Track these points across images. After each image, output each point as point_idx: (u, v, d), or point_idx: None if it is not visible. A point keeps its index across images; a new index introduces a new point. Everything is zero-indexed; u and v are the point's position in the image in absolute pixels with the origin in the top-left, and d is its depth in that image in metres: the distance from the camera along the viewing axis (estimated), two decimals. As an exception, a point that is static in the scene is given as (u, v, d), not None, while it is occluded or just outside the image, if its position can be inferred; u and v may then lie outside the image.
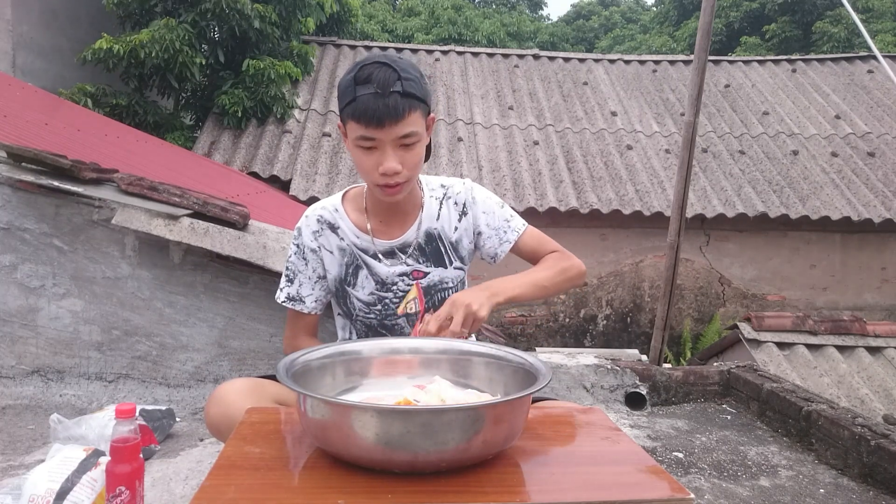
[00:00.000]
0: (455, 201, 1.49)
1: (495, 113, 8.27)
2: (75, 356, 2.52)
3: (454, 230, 1.48)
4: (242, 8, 6.91)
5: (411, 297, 1.41)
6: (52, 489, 1.50)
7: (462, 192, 1.50)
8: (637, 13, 25.01)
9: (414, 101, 1.26)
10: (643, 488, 0.87)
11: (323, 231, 1.47)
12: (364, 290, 1.45)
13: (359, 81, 1.25)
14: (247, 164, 6.91)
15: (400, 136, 1.26)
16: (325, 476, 0.87)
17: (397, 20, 17.93)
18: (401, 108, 1.23)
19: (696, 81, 3.65)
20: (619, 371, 3.09)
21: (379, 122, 1.23)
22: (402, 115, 1.24)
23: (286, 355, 1.27)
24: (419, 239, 1.44)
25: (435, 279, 1.46)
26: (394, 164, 1.27)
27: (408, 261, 1.44)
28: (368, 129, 1.24)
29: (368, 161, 1.29)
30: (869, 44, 3.99)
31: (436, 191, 1.49)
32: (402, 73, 1.25)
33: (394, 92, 1.23)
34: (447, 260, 1.47)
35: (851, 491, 2.17)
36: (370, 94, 1.23)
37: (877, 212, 7.15)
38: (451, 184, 1.51)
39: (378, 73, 1.24)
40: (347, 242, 1.45)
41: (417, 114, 1.27)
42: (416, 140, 1.29)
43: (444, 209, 1.48)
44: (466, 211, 1.49)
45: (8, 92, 4.20)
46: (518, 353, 1.11)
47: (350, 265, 1.45)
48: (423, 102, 1.29)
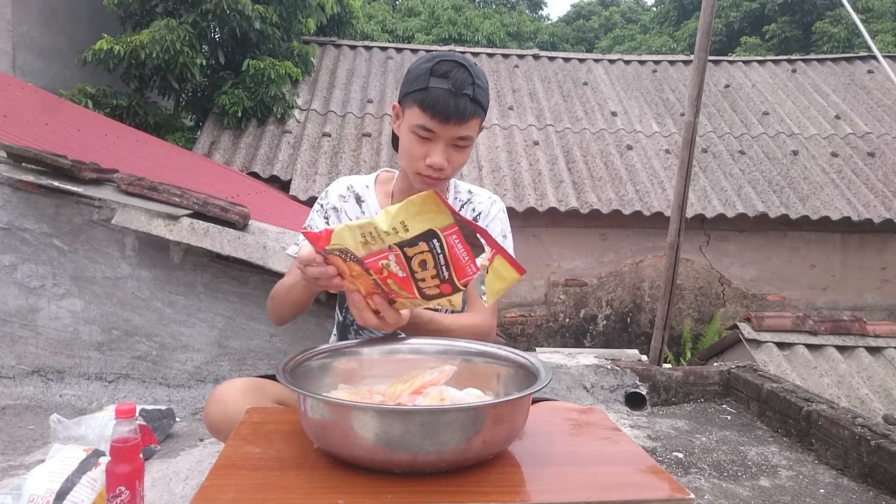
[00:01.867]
0: (473, 208, 1.53)
1: (495, 113, 8.27)
2: (75, 356, 2.52)
3: None
4: (243, 9, 6.91)
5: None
6: (52, 489, 1.50)
7: (484, 203, 1.54)
8: (637, 13, 25.00)
9: (479, 108, 1.31)
10: (643, 488, 0.87)
11: (348, 199, 1.51)
12: None
13: (435, 74, 1.28)
14: (247, 164, 6.91)
15: (457, 137, 1.31)
16: (325, 476, 0.87)
17: (397, 20, 17.93)
18: (468, 112, 1.28)
19: (696, 81, 3.65)
20: (619, 371, 3.09)
21: (445, 118, 1.27)
22: (466, 118, 1.29)
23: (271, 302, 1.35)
24: None
25: None
26: (441, 159, 1.31)
27: None
28: (433, 121, 1.28)
29: (419, 150, 1.32)
30: (869, 44, 3.99)
31: (461, 194, 1.54)
32: (476, 80, 1.30)
33: (465, 94, 1.28)
34: None
35: (851, 491, 2.17)
36: (444, 90, 1.27)
37: (877, 212, 7.15)
38: (478, 193, 1.56)
39: (456, 72, 1.28)
40: (369, 216, 1.47)
41: (477, 121, 1.33)
42: (468, 144, 1.34)
43: (463, 212, 1.51)
44: (477, 220, 1.51)
45: (8, 92, 4.20)
46: (518, 353, 1.11)
47: None
48: (484, 112, 1.35)
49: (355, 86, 8.37)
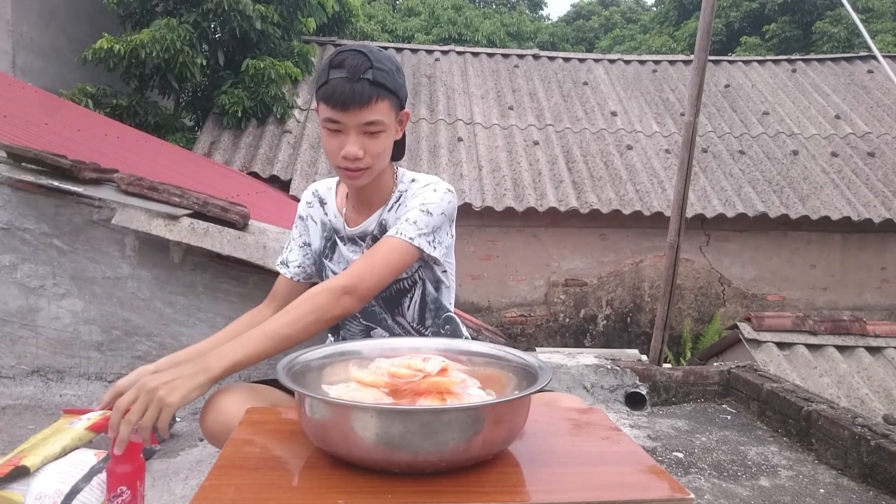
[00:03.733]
0: (408, 193, 1.46)
1: (495, 113, 8.27)
2: (75, 356, 2.52)
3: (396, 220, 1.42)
4: (244, 8, 6.90)
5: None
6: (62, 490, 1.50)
7: (418, 187, 1.44)
8: (637, 13, 24.99)
9: (382, 90, 1.28)
10: (643, 488, 0.87)
11: (314, 204, 1.54)
12: (339, 265, 1.48)
13: (332, 65, 1.28)
14: (247, 164, 6.91)
15: (364, 123, 1.28)
16: (325, 476, 0.87)
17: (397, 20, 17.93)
18: (367, 95, 1.26)
19: (696, 81, 3.66)
20: (619, 371, 3.09)
21: (344, 105, 1.26)
22: (367, 102, 1.26)
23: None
24: (375, 230, 1.45)
25: None
26: (354, 149, 1.29)
27: (364, 250, 1.46)
28: (334, 111, 1.27)
29: (333, 143, 1.32)
30: (869, 44, 4.00)
31: (404, 184, 1.47)
32: (374, 63, 1.27)
33: (363, 79, 1.26)
34: None
35: (851, 491, 2.17)
36: (340, 79, 1.26)
37: (877, 212, 7.15)
38: (419, 179, 1.47)
39: (351, 59, 1.27)
40: (329, 218, 1.51)
41: (385, 104, 1.29)
42: (381, 129, 1.31)
43: (401, 201, 1.45)
44: (400, 201, 1.44)
45: (8, 92, 4.20)
46: (518, 353, 1.11)
47: (328, 240, 1.51)
48: (392, 94, 1.30)
49: (355, 86, 8.36)
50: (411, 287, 1.47)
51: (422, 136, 7.71)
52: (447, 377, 0.99)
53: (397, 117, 1.36)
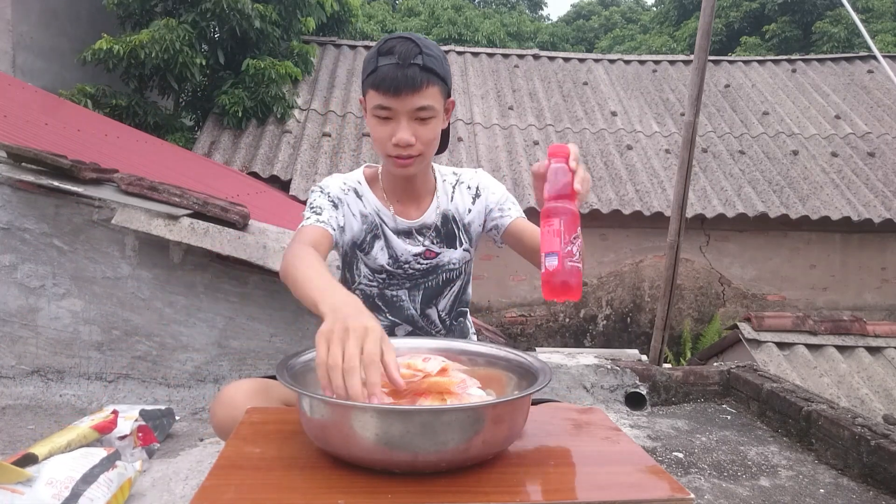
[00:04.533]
0: (468, 185, 1.54)
1: (495, 113, 8.27)
2: (75, 356, 2.52)
3: (468, 212, 1.52)
4: (243, 8, 6.91)
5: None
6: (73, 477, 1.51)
7: (473, 177, 1.56)
8: (637, 13, 24.99)
9: (433, 76, 1.29)
10: (643, 488, 0.87)
11: (349, 192, 1.46)
12: (376, 260, 1.45)
13: (381, 52, 1.29)
14: (247, 164, 6.91)
15: (416, 108, 1.28)
16: (325, 476, 0.87)
17: (397, 20, 17.93)
18: (419, 80, 1.26)
19: (696, 81, 3.66)
20: (619, 371, 3.09)
21: (396, 90, 1.26)
22: (419, 87, 1.27)
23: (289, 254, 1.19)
24: (438, 221, 1.47)
25: (444, 259, 1.49)
26: (407, 135, 1.29)
27: (425, 241, 1.46)
28: (386, 97, 1.27)
29: (383, 131, 1.31)
30: (869, 44, 3.99)
31: (448, 177, 1.54)
32: (423, 49, 1.28)
33: (413, 64, 1.26)
34: (458, 241, 1.50)
35: (851, 491, 2.17)
36: (391, 65, 1.26)
37: (877, 212, 7.15)
38: (462, 171, 1.57)
39: (400, 45, 1.28)
40: (370, 210, 1.45)
41: (435, 90, 1.30)
42: (432, 115, 1.31)
43: (458, 193, 1.52)
44: (479, 193, 1.54)
45: (8, 92, 4.20)
46: (518, 353, 1.11)
47: (369, 232, 1.45)
48: (442, 80, 1.31)
49: (355, 86, 8.37)
50: (457, 278, 1.51)
51: (422, 136, 7.70)
52: (447, 377, 0.99)
53: (443, 106, 1.36)
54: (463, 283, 1.54)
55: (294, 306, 2.63)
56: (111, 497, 1.58)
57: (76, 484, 1.52)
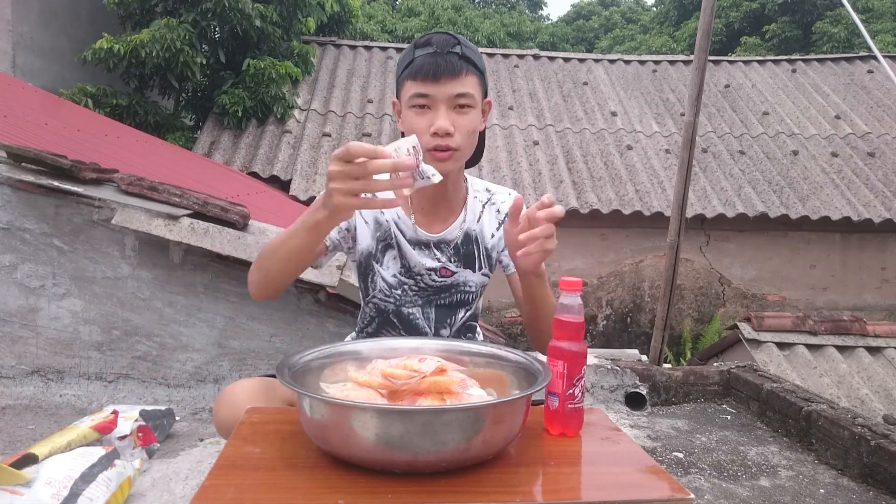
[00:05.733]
0: (498, 209, 1.45)
1: (495, 113, 8.27)
2: (75, 356, 2.52)
3: (491, 236, 1.44)
4: (243, 7, 6.91)
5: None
6: (72, 477, 1.51)
7: (507, 201, 1.45)
8: (637, 13, 24.99)
9: (471, 65, 1.27)
10: (643, 488, 0.87)
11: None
12: (389, 270, 1.40)
13: (418, 45, 1.28)
14: (247, 164, 6.91)
15: (455, 95, 1.25)
16: (325, 476, 0.87)
17: (397, 20, 17.92)
18: (457, 66, 1.24)
19: (696, 81, 3.66)
20: (619, 371, 3.09)
21: (435, 76, 1.23)
22: (458, 72, 1.25)
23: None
24: (459, 240, 1.41)
25: (460, 279, 1.42)
26: (446, 123, 1.24)
27: (441, 257, 1.40)
28: (424, 84, 1.24)
29: (421, 122, 1.26)
30: (869, 44, 3.99)
31: (480, 193, 1.45)
32: (461, 40, 1.28)
33: (452, 52, 1.25)
34: (477, 264, 1.43)
35: (851, 491, 2.17)
36: (430, 54, 1.25)
37: (877, 212, 7.15)
38: (496, 191, 1.47)
39: (437, 37, 1.27)
40: (387, 217, 1.39)
41: (474, 79, 1.28)
42: (471, 105, 1.27)
43: (486, 213, 1.44)
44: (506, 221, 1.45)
45: (8, 92, 4.20)
46: (518, 353, 1.11)
47: (381, 241, 1.40)
48: (480, 72, 1.29)
49: (355, 86, 8.37)
50: (472, 301, 1.45)
51: (422, 136, 7.70)
52: (446, 377, 0.99)
53: (480, 102, 1.32)
54: (476, 307, 1.49)
55: (294, 306, 2.63)
56: (110, 496, 1.58)
57: (75, 483, 1.52)
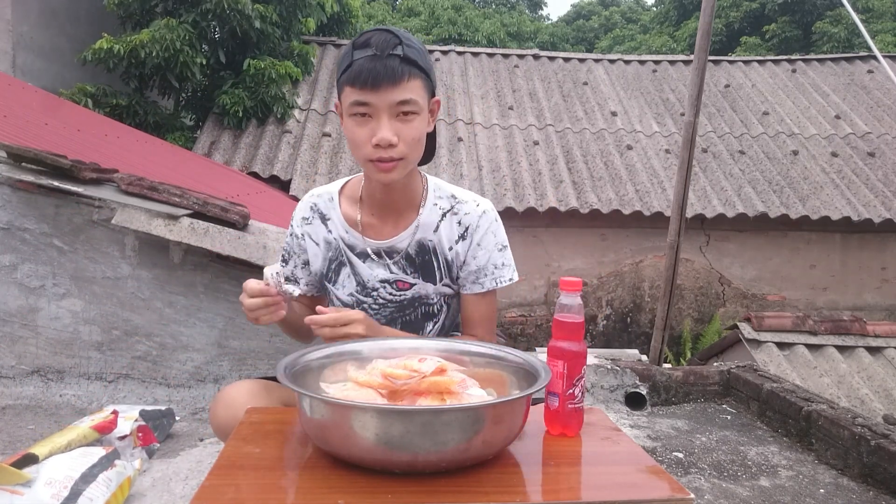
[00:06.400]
0: (459, 220, 1.34)
1: (495, 113, 8.27)
2: (75, 356, 2.52)
3: (450, 249, 1.34)
4: (243, 8, 6.91)
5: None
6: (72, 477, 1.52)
7: (471, 213, 1.34)
8: (637, 13, 25.00)
9: (414, 68, 1.17)
10: (643, 488, 0.87)
11: (313, 220, 1.37)
12: (345, 289, 1.37)
13: (356, 46, 1.17)
14: (247, 164, 6.91)
15: (397, 103, 1.16)
16: (325, 476, 0.87)
17: (397, 20, 17.93)
18: (398, 71, 1.14)
19: (696, 81, 3.66)
20: (619, 371, 3.09)
21: (374, 83, 1.13)
22: (399, 78, 1.14)
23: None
24: (410, 248, 1.33)
25: (420, 292, 1.36)
26: (388, 133, 1.16)
27: (393, 267, 1.34)
28: (363, 92, 1.15)
29: (362, 132, 1.18)
30: (869, 44, 4.00)
31: (442, 200, 1.35)
32: (403, 39, 1.17)
33: (393, 55, 1.15)
34: (437, 276, 1.35)
35: (851, 491, 2.17)
36: (368, 57, 1.15)
37: (877, 212, 7.15)
38: (463, 199, 1.35)
39: (377, 36, 1.16)
40: (335, 235, 1.35)
41: (418, 83, 1.18)
42: (415, 111, 1.18)
43: (445, 224, 1.34)
44: (466, 236, 1.34)
45: (8, 92, 4.20)
46: (518, 353, 1.11)
47: (333, 261, 1.37)
48: (425, 74, 1.20)
49: (355, 86, 8.36)
50: (438, 312, 1.40)
51: (422, 136, 7.70)
52: (446, 377, 0.99)
53: (427, 104, 1.22)
54: (449, 317, 1.41)
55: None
56: (110, 496, 1.58)
57: (75, 483, 1.52)
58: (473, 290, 1.36)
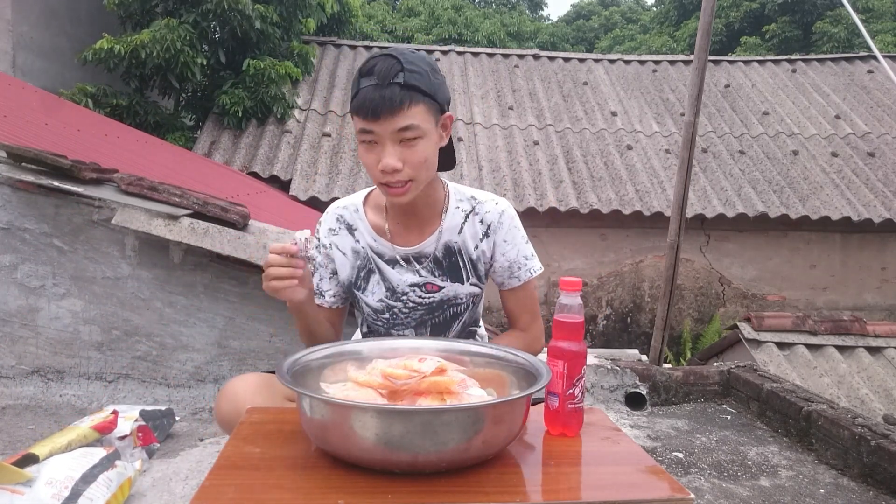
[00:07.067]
0: (482, 219, 1.40)
1: (495, 113, 8.27)
2: (75, 356, 2.52)
3: (475, 248, 1.40)
4: (243, 8, 6.91)
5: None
6: (73, 477, 1.52)
7: (492, 212, 1.40)
8: (637, 13, 24.99)
9: (415, 93, 1.19)
10: (643, 488, 0.87)
11: (339, 231, 1.42)
12: (374, 295, 1.41)
13: (362, 73, 1.22)
14: (247, 164, 6.91)
15: (398, 130, 1.20)
16: (325, 476, 0.87)
17: (397, 20, 17.92)
18: (398, 100, 1.18)
19: (696, 81, 3.65)
20: (619, 371, 3.09)
21: (374, 113, 1.18)
22: (399, 107, 1.18)
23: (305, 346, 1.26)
24: (437, 251, 1.38)
25: (449, 294, 1.40)
26: (392, 160, 1.21)
27: (422, 272, 1.38)
28: (367, 121, 1.20)
29: (370, 157, 1.24)
30: (869, 44, 3.99)
31: (463, 202, 1.40)
32: (405, 65, 1.19)
33: (394, 83, 1.18)
34: (464, 276, 1.40)
35: (851, 491, 2.17)
36: (371, 86, 1.19)
37: (877, 212, 7.15)
38: (483, 199, 1.41)
39: (381, 63, 1.20)
40: (363, 244, 1.40)
41: (420, 108, 1.21)
42: (418, 136, 1.22)
43: (469, 224, 1.39)
44: (489, 233, 1.39)
45: (8, 92, 4.20)
46: (518, 353, 1.11)
47: (362, 269, 1.41)
48: (428, 97, 1.22)
49: (355, 86, 8.36)
50: (465, 311, 1.44)
51: (422, 136, 7.70)
52: (446, 377, 0.99)
53: (438, 122, 1.27)
54: (468, 313, 1.46)
55: (294, 306, 2.62)
56: (111, 496, 1.58)
57: (76, 484, 1.52)
58: (512, 284, 1.43)
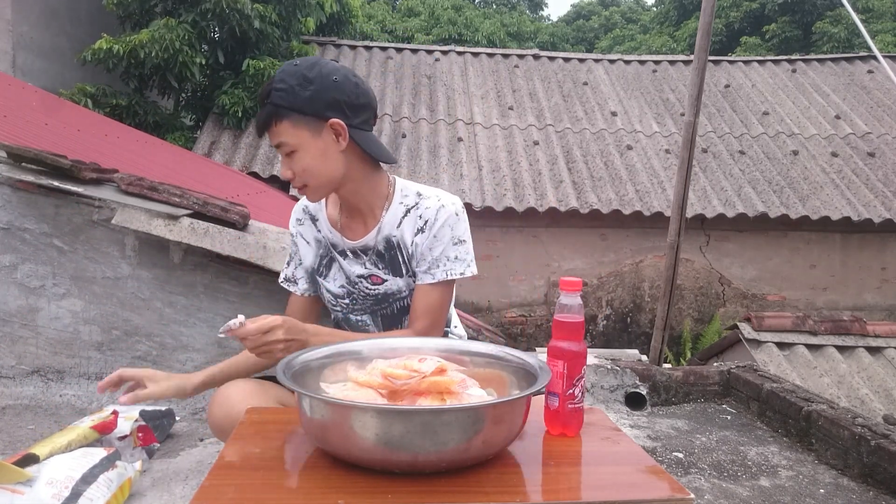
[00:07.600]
0: (420, 214, 1.41)
1: (495, 113, 8.27)
2: (75, 356, 2.52)
3: (411, 243, 1.41)
4: (242, 8, 6.91)
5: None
6: (73, 477, 1.51)
7: (431, 208, 1.40)
8: (637, 13, 24.99)
9: (281, 110, 1.27)
10: (643, 488, 0.87)
11: (304, 221, 1.52)
12: (336, 282, 1.48)
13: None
14: (247, 164, 6.91)
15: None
16: (325, 476, 0.87)
17: (397, 20, 17.92)
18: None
19: (696, 81, 3.66)
20: (619, 371, 3.09)
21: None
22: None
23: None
24: (378, 245, 1.43)
25: (392, 288, 1.44)
26: (283, 171, 1.35)
27: (367, 264, 1.44)
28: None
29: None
30: (869, 44, 4.00)
31: (408, 198, 1.42)
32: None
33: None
34: (403, 270, 1.43)
35: (851, 491, 2.17)
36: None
37: (877, 212, 7.15)
38: (428, 195, 1.42)
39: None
40: (322, 235, 1.49)
41: (285, 124, 1.28)
42: (292, 149, 1.31)
43: (409, 219, 1.41)
44: (425, 229, 1.40)
45: (8, 92, 4.20)
46: (518, 353, 1.11)
47: (324, 257, 1.50)
48: (294, 112, 1.27)
49: (355, 86, 8.35)
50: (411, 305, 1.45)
51: (422, 136, 7.71)
52: (446, 377, 0.99)
53: (318, 131, 1.29)
54: None
55: (294, 306, 2.62)
56: (111, 497, 1.58)
57: (76, 484, 1.52)
58: (424, 279, 1.42)
